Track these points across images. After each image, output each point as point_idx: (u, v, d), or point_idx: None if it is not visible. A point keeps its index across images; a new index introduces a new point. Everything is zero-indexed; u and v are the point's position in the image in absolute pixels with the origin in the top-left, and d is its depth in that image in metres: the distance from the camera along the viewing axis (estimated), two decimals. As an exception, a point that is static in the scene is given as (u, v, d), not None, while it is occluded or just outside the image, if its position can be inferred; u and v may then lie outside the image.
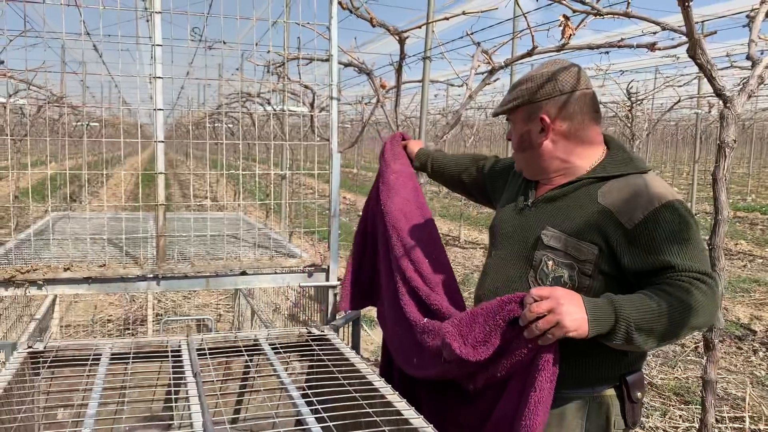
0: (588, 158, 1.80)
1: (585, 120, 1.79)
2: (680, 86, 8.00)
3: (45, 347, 2.03)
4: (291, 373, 2.06)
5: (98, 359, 1.96)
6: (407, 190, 2.26)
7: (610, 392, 1.73)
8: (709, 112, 10.00)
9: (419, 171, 2.49)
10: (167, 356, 2.04)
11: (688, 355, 5.38)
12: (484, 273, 1.95)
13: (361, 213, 2.38)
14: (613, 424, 1.74)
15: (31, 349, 2.00)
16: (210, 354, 2.07)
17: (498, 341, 1.56)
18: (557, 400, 1.60)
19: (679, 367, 5.13)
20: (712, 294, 1.53)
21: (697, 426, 3.92)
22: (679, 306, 1.48)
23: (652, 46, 2.23)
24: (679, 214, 1.62)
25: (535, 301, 1.49)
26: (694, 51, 1.75)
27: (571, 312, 1.45)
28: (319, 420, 1.53)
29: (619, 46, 2.48)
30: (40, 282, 2.25)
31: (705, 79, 1.99)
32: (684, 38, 1.79)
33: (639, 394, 1.74)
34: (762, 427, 4.06)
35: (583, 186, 1.77)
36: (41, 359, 2.00)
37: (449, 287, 2.05)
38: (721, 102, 1.85)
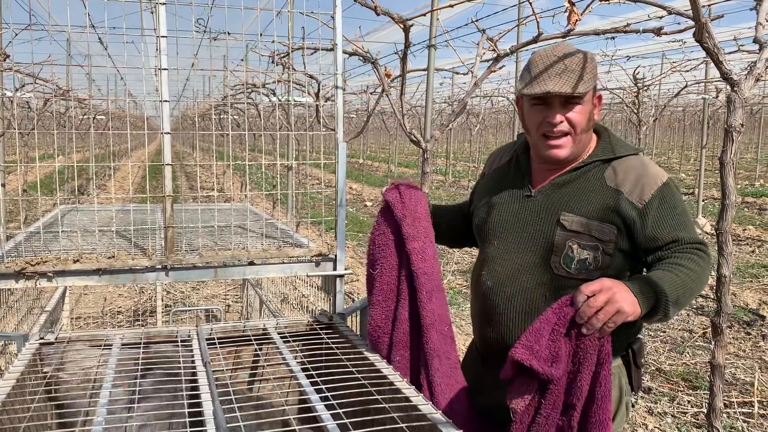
0: (588, 142, 1.87)
1: None
2: (687, 71, 7.94)
3: (56, 338, 2.05)
4: (300, 362, 2.07)
5: (109, 349, 1.98)
6: (441, 292, 2.01)
7: (618, 362, 1.83)
8: (717, 97, 9.93)
9: None
10: (177, 346, 2.05)
11: (696, 341, 5.38)
12: (489, 262, 1.93)
13: (376, 218, 2.07)
14: (624, 392, 1.84)
15: (42, 341, 2.03)
16: (219, 343, 2.08)
17: (564, 350, 1.53)
18: None
19: (688, 353, 5.12)
20: (709, 260, 1.70)
21: (705, 411, 3.92)
22: (693, 276, 1.61)
23: (658, 31, 2.21)
24: (676, 191, 1.76)
25: (588, 297, 1.50)
26: (701, 35, 1.73)
27: (626, 297, 1.50)
28: (328, 407, 1.54)
29: (625, 32, 2.45)
30: (50, 274, 2.26)
31: (712, 64, 1.98)
32: (691, 22, 1.77)
33: (642, 360, 1.87)
34: (771, 411, 4.06)
35: (589, 170, 1.83)
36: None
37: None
38: (728, 86, 1.84)
